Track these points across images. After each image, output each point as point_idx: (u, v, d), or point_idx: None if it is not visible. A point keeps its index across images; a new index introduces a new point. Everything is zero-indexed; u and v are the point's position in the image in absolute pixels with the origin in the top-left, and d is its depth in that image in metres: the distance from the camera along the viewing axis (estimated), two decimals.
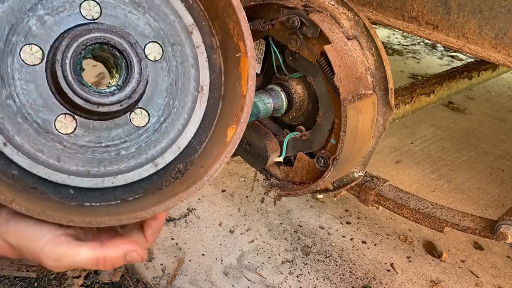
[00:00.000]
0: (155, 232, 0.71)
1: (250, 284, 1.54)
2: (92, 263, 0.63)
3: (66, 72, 0.63)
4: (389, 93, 1.13)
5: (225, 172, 2.07)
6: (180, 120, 0.75)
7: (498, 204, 2.07)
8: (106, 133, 0.70)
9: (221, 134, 0.75)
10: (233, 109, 0.75)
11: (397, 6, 1.24)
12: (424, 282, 1.64)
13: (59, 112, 0.66)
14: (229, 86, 0.78)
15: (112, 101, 0.66)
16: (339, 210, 1.94)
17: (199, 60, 0.77)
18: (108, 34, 0.66)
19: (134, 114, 0.72)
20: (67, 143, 0.67)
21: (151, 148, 0.73)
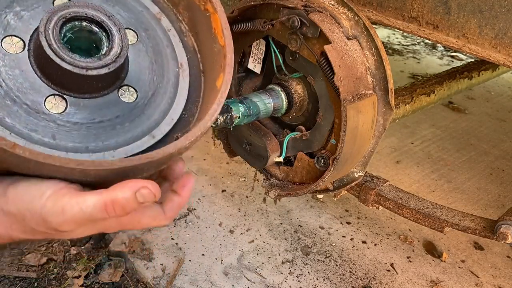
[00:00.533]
0: (175, 207, 0.68)
1: (250, 284, 1.54)
2: (100, 209, 0.58)
3: (51, 41, 0.65)
4: (389, 93, 1.13)
5: (225, 172, 2.07)
6: (167, 93, 0.80)
7: (498, 204, 2.07)
8: (97, 110, 0.72)
9: (212, 92, 0.80)
10: (216, 66, 0.80)
11: (397, 6, 1.24)
12: (424, 282, 1.64)
13: (47, 93, 0.68)
14: (206, 58, 0.84)
15: (100, 65, 0.68)
16: (339, 210, 1.94)
17: (173, 41, 0.83)
18: (85, 8, 0.70)
19: (122, 91, 0.75)
20: (60, 121, 0.68)
21: (145, 122, 0.76)
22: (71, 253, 1.63)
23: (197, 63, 0.84)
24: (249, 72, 1.38)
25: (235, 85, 1.41)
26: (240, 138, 1.36)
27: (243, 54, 1.35)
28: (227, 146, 1.47)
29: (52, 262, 1.59)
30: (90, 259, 1.60)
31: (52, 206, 0.57)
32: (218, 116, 1.11)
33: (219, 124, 1.12)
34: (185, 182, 0.71)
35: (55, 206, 0.57)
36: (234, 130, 1.37)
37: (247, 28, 1.24)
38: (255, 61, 1.34)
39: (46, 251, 1.63)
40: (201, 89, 0.83)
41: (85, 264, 1.58)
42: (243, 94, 1.39)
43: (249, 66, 1.36)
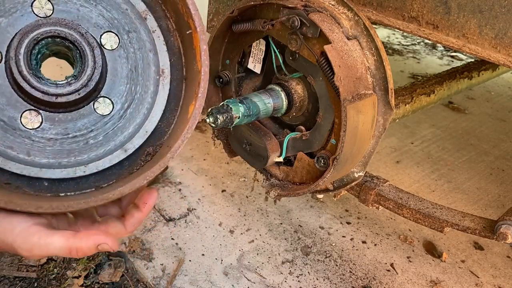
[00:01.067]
0: (136, 223, 0.74)
1: (250, 284, 1.54)
2: (65, 252, 0.65)
3: (21, 68, 0.65)
4: (389, 93, 1.13)
5: (225, 172, 2.07)
6: (145, 104, 0.77)
7: (498, 204, 2.07)
8: (72, 125, 0.72)
9: (185, 112, 0.77)
10: (193, 87, 0.77)
11: (397, 6, 1.24)
12: (424, 282, 1.64)
13: (24, 108, 0.68)
14: (189, 66, 0.79)
15: (70, 91, 0.68)
16: (339, 210, 1.94)
17: (157, 44, 0.78)
18: (57, 27, 0.68)
19: (97, 103, 0.73)
20: (35, 137, 0.69)
21: (119, 135, 0.75)
22: None
23: (181, 67, 0.80)
24: (249, 72, 1.38)
25: (235, 85, 1.41)
26: (240, 138, 1.36)
27: (243, 54, 1.35)
28: (227, 146, 1.47)
29: (52, 262, 1.59)
30: (90, 259, 1.60)
31: (22, 243, 0.63)
32: (218, 116, 1.11)
33: (219, 124, 1.12)
34: (147, 199, 0.75)
35: (25, 244, 0.63)
36: (234, 130, 1.37)
37: (247, 28, 1.24)
38: (255, 61, 1.34)
39: None
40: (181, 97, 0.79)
41: (85, 264, 1.58)
42: (243, 94, 1.39)
43: (249, 66, 1.35)
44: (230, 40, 1.35)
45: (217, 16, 1.80)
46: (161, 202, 1.83)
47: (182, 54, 0.80)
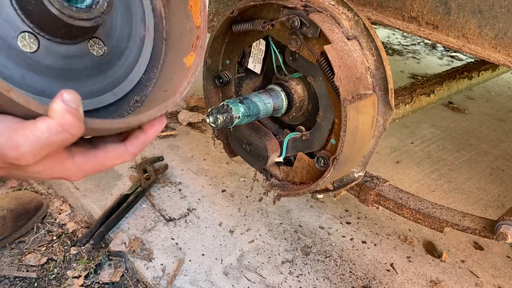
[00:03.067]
0: (140, 144, 0.68)
1: (250, 284, 1.54)
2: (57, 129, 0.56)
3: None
4: (389, 93, 1.13)
5: (225, 172, 2.07)
6: (132, 55, 0.81)
7: (498, 204, 2.07)
8: (67, 58, 0.72)
9: (177, 65, 0.82)
10: (185, 42, 0.82)
11: (397, 6, 1.24)
12: (424, 282, 1.64)
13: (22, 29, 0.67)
14: (172, 28, 0.85)
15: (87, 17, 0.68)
16: (339, 210, 1.94)
17: (144, 3, 0.84)
18: None
19: (91, 43, 0.75)
20: (30, 61, 0.68)
21: (109, 78, 0.77)
22: (71, 253, 1.63)
23: (161, 30, 0.85)
24: (249, 72, 1.38)
25: (235, 85, 1.41)
26: (240, 138, 1.36)
27: (243, 54, 1.35)
28: (227, 146, 1.47)
29: (52, 262, 1.59)
30: (90, 259, 1.60)
31: (7, 140, 0.56)
32: (218, 116, 1.11)
33: (219, 124, 1.12)
34: (155, 122, 0.69)
35: (10, 140, 0.56)
36: (234, 130, 1.38)
37: (247, 28, 1.24)
38: (255, 61, 1.34)
39: (46, 251, 1.63)
40: (161, 57, 0.85)
41: (85, 264, 1.58)
42: (243, 94, 1.39)
43: (249, 66, 1.36)
44: (230, 40, 1.35)
45: (217, 16, 1.80)
46: (161, 202, 1.84)
47: (164, 18, 0.86)
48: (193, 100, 2.55)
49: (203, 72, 1.41)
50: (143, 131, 0.69)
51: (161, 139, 2.24)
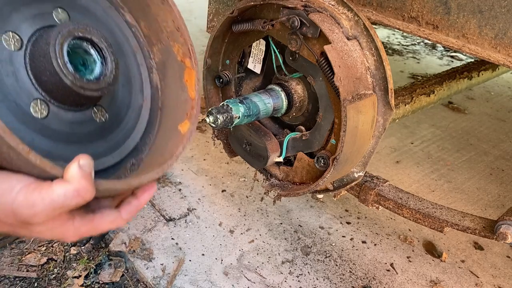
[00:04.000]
0: (133, 210, 0.71)
1: (250, 284, 1.54)
2: (73, 194, 0.59)
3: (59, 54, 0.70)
4: (389, 93, 1.13)
5: (225, 172, 2.07)
6: (130, 122, 0.89)
7: (498, 204, 2.07)
8: (73, 124, 0.78)
9: (171, 132, 0.90)
10: (180, 112, 0.90)
11: (397, 6, 1.24)
12: (424, 282, 1.64)
13: (34, 96, 0.72)
14: (168, 98, 0.94)
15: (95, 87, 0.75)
16: (339, 210, 1.94)
17: (143, 76, 0.92)
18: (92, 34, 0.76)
19: (95, 110, 0.81)
20: (40, 125, 0.73)
21: (109, 142, 0.83)
22: (71, 253, 1.63)
23: (157, 100, 0.94)
24: (249, 72, 1.38)
25: (235, 85, 1.41)
26: (240, 138, 1.36)
27: (243, 54, 1.35)
28: (227, 146, 1.47)
29: (52, 262, 1.59)
30: (90, 259, 1.60)
31: (23, 199, 0.59)
32: (218, 116, 1.12)
33: (219, 124, 1.12)
34: (147, 188, 0.74)
35: (26, 200, 0.59)
36: (234, 130, 1.38)
37: (247, 28, 1.24)
38: (255, 61, 1.34)
39: (46, 251, 1.63)
40: (156, 124, 0.92)
41: (85, 264, 1.58)
42: (243, 94, 1.39)
43: (249, 66, 1.36)
44: (230, 40, 1.35)
45: (217, 16, 1.80)
46: (161, 202, 1.84)
47: (159, 89, 0.94)
48: None
49: (203, 72, 1.41)
50: (136, 196, 0.73)
51: None
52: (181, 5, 4.18)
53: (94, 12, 0.86)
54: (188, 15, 3.96)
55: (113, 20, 0.89)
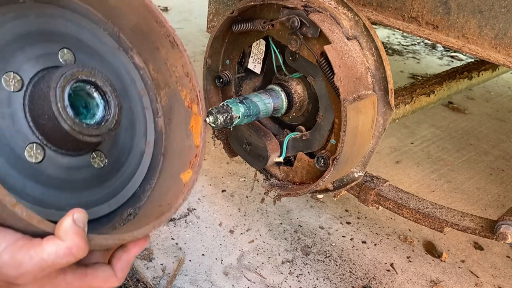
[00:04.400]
0: (125, 266, 0.68)
1: (250, 284, 1.54)
2: (65, 252, 0.55)
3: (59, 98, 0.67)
4: (389, 93, 1.13)
5: (225, 172, 2.07)
6: (130, 168, 0.85)
7: (498, 204, 2.08)
8: (69, 169, 0.74)
9: (172, 180, 0.86)
10: (183, 159, 0.87)
11: (397, 6, 1.24)
12: (424, 282, 1.64)
13: (30, 140, 0.69)
14: (171, 144, 0.90)
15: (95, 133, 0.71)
16: (339, 210, 1.94)
17: (147, 120, 0.89)
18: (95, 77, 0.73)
19: (94, 155, 0.77)
20: (34, 171, 0.69)
21: (106, 190, 0.79)
22: None
23: (160, 145, 0.90)
24: (249, 72, 1.38)
25: (235, 85, 1.41)
26: (240, 138, 1.36)
27: (243, 54, 1.35)
28: (227, 146, 1.47)
29: None
30: None
31: (9, 258, 0.55)
32: (218, 116, 1.12)
33: (219, 124, 1.12)
34: (139, 241, 0.71)
35: (13, 259, 0.55)
36: (234, 130, 1.38)
37: (247, 28, 1.24)
38: (255, 61, 1.34)
39: None
40: (157, 170, 0.89)
41: None
42: (243, 94, 1.39)
43: (249, 66, 1.36)
44: (230, 40, 1.35)
45: (217, 16, 1.80)
46: None
47: (163, 134, 0.91)
48: None
49: (203, 72, 1.41)
50: (127, 250, 0.69)
51: None
52: (181, 5, 4.18)
53: (101, 54, 0.83)
54: (188, 15, 3.97)
55: (121, 62, 0.86)
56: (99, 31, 0.83)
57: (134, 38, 0.87)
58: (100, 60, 0.82)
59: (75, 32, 0.79)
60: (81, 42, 0.80)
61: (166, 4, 4.14)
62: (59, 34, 0.77)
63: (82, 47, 0.79)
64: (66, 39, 0.77)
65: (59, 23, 0.77)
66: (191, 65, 0.87)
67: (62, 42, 0.76)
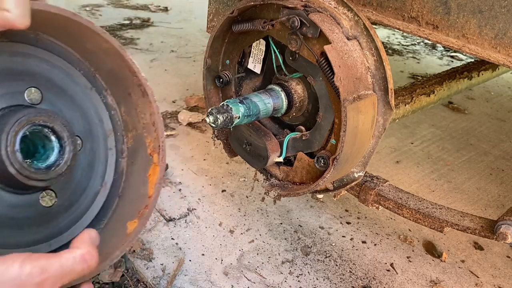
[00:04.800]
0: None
1: (250, 284, 1.54)
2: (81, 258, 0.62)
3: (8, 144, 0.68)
4: (389, 93, 1.13)
5: (225, 172, 2.07)
6: (81, 208, 0.85)
7: (498, 204, 2.08)
8: (13, 207, 0.73)
9: (119, 226, 0.86)
10: (134, 206, 0.87)
11: (397, 6, 1.24)
12: (424, 282, 1.64)
13: None
14: (129, 187, 0.91)
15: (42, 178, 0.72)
16: (339, 210, 1.94)
17: (109, 161, 0.90)
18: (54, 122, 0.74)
19: (44, 194, 0.77)
20: None
21: (50, 229, 0.79)
22: None
23: (119, 186, 0.91)
24: (249, 72, 1.38)
25: (235, 85, 1.41)
26: (240, 138, 1.36)
27: (243, 54, 1.35)
28: (227, 146, 1.47)
29: None
30: None
31: (32, 267, 0.58)
32: (218, 116, 1.12)
33: (219, 124, 1.12)
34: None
35: (35, 267, 0.58)
36: (234, 130, 1.38)
37: (247, 28, 1.24)
38: (255, 61, 1.34)
39: None
40: (110, 210, 0.89)
41: None
42: (243, 94, 1.39)
43: (249, 66, 1.36)
44: (230, 40, 1.35)
45: (217, 16, 1.80)
46: (161, 202, 1.84)
47: (124, 175, 0.91)
48: (193, 100, 2.55)
49: (203, 72, 1.41)
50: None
51: None
52: (181, 5, 4.18)
53: (71, 94, 0.84)
54: (188, 15, 3.97)
55: (91, 102, 0.87)
56: (73, 71, 0.84)
57: (109, 80, 0.89)
58: (69, 100, 0.83)
59: (46, 72, 0.80)
60: (51, 81, 0.80)
61: (166, 4, 4.14)
62: (29, 73, 0.77)
63: (51, 86, 0.80)
64: (35, 78, 0.78)
65: (31, 63, 0.77)
66: (159, 115, 0.89)
67: (31, 81, 0.77)
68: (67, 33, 0.79)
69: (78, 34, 0.78)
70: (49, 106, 0.78)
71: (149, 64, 2.99)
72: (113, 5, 4.10)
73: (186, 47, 3.38)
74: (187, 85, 2.81)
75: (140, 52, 3.12)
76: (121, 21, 3.70)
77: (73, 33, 0.78)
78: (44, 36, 0.78)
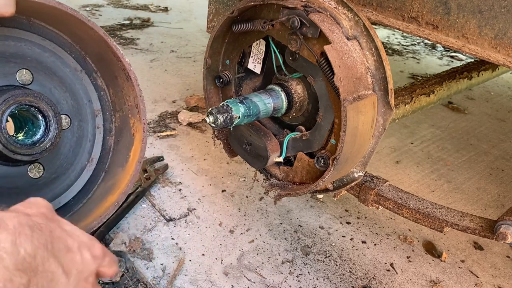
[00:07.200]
0: None
1: (250, 284, 1.54)
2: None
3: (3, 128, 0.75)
4: (389, 93, 1.13)
5: (225, 172, 2.07)
6: (67, 181, 0.91)
7: (498, 204, 2.08)
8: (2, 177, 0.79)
9: (101, 199, 0.92)
10: (115, 181, 0.93)
11: (397, 6, 1.24)
12: (424, 282, 1.64)
13: None
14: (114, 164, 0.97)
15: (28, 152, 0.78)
16: (339, 210, 1.94)
17: (96, 138, 0.96)
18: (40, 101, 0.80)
19: (32, 166, 0.83)
20: None
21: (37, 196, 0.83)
22: None
23: (106, 161, 0.98)
24: (249, 72, 1.38)
25: (235, 85, 1.41)
26: (240, 138, 1.36)
27: (243, 54, 1.36)
28: (227, 146, 1.47)
29: None
30: None
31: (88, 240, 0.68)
32: (218, 116, 1.12)
33: (219, 124, 1.12)
34: None
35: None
36: (234, 130, 1.38)
37: (247, 28, 1.24)
38: (255, 61, 1.34)
39: None
40: (96, 184, 0.96)
41: None
42: (243, 94, 1.39)
43: (249, 66, 1.36)
44: (230, 40, 1.35)
45: (217, 16, 1.80)
46: (161, 202, 1.84)
47: (111, 152, 0.98)
48: (193, 100, 2.55)
49: (203, 72, 1.42)
50: None
51: (161, 139, 2.24)
52: (181, 5, 4.18)
53: (60, 75, 0.89)
54: (188, 15, 3.97)
55: (80, 83, 0.93)
56: (64, 55, 0.89)
57: (97, 63, 0.94)
58: (59, 81, 0.88)
59: (38, 55, 0.85)
60: (42, 64, 0.85)
61: (166, 4, 4.14)
62: (21, 56, 0.82)
63: (42, 68, 0.85)
64: (27, 61, 0.82)
65: (23, 46, 0.82)
66: (141, 99, 0.94)
67: (23, 63, 0.82)
68: (57, 20, 0.83)
69: (67, 20, 0.83)
70: (40, 87, 0.83)
71: (149, 64, 2.99)
72: (113, 5, 4.10)
73: (186, 47, 3.38)
74: (187, 85, 2.81)
75: (140, 52, 3.12)
76: (121, 21, 3.70)
77: (62, 20, 0.83)
78: (36, 22, 0.83)
